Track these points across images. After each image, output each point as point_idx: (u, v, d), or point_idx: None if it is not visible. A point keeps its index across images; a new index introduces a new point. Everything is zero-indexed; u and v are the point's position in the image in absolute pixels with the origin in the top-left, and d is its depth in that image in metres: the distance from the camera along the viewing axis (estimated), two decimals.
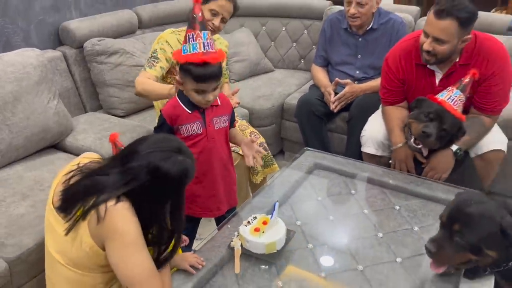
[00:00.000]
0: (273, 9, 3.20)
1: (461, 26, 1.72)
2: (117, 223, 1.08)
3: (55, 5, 2.36)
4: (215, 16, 1.97)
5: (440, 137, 1.74)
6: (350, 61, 2.56)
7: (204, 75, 1.46)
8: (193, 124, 1.56)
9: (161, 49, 1.93)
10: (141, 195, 1.12)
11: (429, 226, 1.58)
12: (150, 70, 1.90)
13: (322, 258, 1.44)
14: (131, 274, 1.10)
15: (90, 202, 1.09)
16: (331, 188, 1.83)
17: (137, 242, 1.11)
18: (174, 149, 1.16)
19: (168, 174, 1.12)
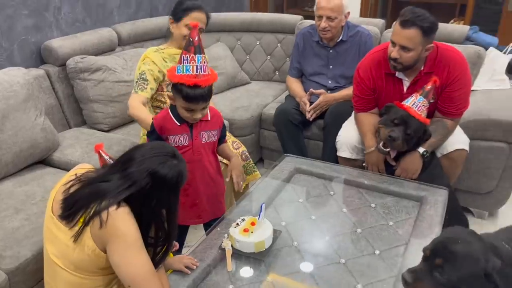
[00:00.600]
0: (247, 24, 3.34)
1: (424, 34, 1.89)
2: (118, 226, 1.15)
3: (36, 24, 2.42)
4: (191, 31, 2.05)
5: (406, 140, 1.89)
6: (322, 72, 2.71)
7: (194, 96, 1.55)
8: (180, 136, 1.65)
9: (149, 70, 2.00)
10: (140, 198, 1.20)
11: (403, 221, 1.72)
12: (142, 92, 1.98)
13: (307, 254, 1.55)
14: (132, 274, 1.17)
15: (93, 208, 1.16)
16: (311, 190, 1.95)
17: (137, 244, 1.18)
18: (169, 154, 1.25)
19: (165, 177, 1.20)
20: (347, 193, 1.94)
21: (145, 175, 1.19)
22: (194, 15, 2.03)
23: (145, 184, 1.19)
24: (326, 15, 2.49)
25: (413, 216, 1.74)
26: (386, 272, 1.46)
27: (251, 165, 2.26)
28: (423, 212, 1.75)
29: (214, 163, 1.78)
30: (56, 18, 2.53)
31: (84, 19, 2.71)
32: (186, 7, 2.03)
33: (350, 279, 1.42)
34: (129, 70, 2.55)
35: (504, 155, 2.26)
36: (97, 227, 1.15)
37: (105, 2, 2.84)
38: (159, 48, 2.10)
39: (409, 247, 1.55)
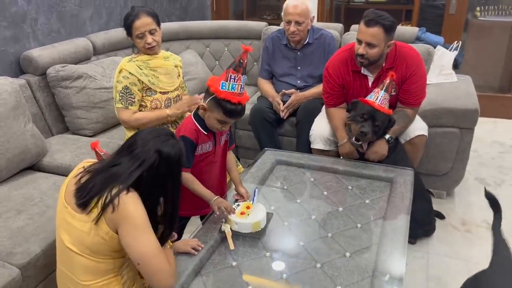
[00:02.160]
0: (215, 31, 3.51)
1: (386, 32, 2.12)
2: (129, 209, 1.26)
3: (14, 36, 2.47)
4: (144, 37, 2.11)
5: (374, 132, 2.11)
6: (291, 73, 2.91)
7: (235, 112, 1.68)
8: (206, 143, 1.80)
9: (131, 83, 2.10)
10: (149, 176, 1.31)
11: (377, 199, 1.93)
12: (132, 107, 2.12)
13: (298, 231, 1.72)
14: (141, 252, 1.27)
15: (108, 194, 1.26)
16: (293, 178, 2.13)
17: (146, 225, 1.29)
18: (168, 134, 1.38)
19: (170, 154, 1.33)
20: (325, 179, 2.13)
21: (152, 153, 1.30)
22: (137, 24, 2.08)
23: (154, 161, 1.30)
24: (294, 20, 2.70)
25: (386, 194, 1.96)
26: (369, 241, 1.65)
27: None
28: (394, 190, 1.97)
29: (224, 164, 1.94)
30: (33, 29, 2.58)
31: (59, 30, 2.78)
32: (129, 22, 2.10)
33: (339, 249, 1.60)
34: (107, 77, 2.64)
35: (456, 139, 2.55)
36: (110, 211, 1.25)
37: (78, 12, 2.92)
38: (133, 57, 2.19)
39: (386, 219, 1.76)
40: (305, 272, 1.48)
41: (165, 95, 2.19)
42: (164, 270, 1.29)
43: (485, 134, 3.63)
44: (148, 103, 2.15)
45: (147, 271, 1.28)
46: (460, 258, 2.26)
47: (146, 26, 2.10)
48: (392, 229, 1.69)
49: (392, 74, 2.13)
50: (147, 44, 2.12)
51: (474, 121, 2.51)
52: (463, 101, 2.58)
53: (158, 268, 1.28)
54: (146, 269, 1.28)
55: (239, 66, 1.66)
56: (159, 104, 2.17)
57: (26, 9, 2.51)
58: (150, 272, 1.28)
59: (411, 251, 2.30)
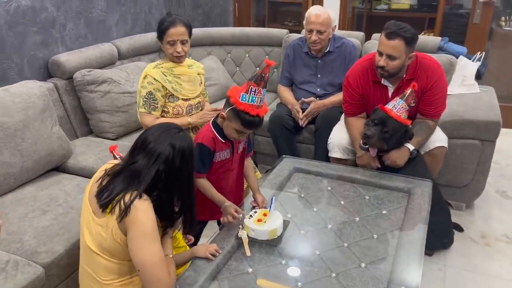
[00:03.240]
0: (237, 38, 3.55)
1: (407, 44, 2.12)
2: (138, 216, 1.29)
3: (44, 41, 2.56)
4: (175, 45, 2.17)
5: (384, 139, 2.11)
6: (311, 80, 2.94)
7: (253, 124, 1.72)
8: (224, 151, 1.84)
9: (155, 89, 2.17)
10: (166, 171, 1.34)
11: (395, 210, 1.93)
12: (155, 112, 2.18)
13: (314, 240, 1.74)
14: (143, 259, 1.29)
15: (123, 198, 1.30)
16: (310, 186, 2.14)
17: (153, 234, 1.31)
18: (176, 128, 1.42)
19: (182, 147, 1.36)
20: (343, 188, 2.14)
21: (165, 146, 1.34)
22: (171, 32, 2.14)
23: (168, 153, 1.33)
24: (316, 29, 2.73)
25: (403, 205, 1.96)
26: (384, 252, 1.65)
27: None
28: (412, 201, 1.97)
29: (242, 171, 1.97)
30: (61, 34, 2.67)
31: (86, 35, 2.86)
32: (163, 28, 2.16)
33: (354, 259, 1.61)
34: (131, 82, 2.70)
35: (477, 151, 2.52)
36: (120, 216, 1.29)
37: (105, 18, 3.00)
38: (158, 64, 2.25)
39: (402, 230, 1.77)
40: (320, 281, 1.50)
41: (187, 102, 2.24)
42: (162, 281, 1.30)
43: (508, 145, 3.57)
44: (171, 109, 2.21)
45: (145, 279, 1.30)
46: (478, 272, 2.24)
47: (179, 36, 2.16)
48: (408, 241, 1.70)
49: (414, 85, 2.13)
50: (176, 52, 2.18)
51: (496, 133, 2.49)
52: (485, 112, 2.56)
53: (157, 278, 1.29)
54: (145, 277, 1.30)
55: (261, 80, 1.69)
56: (180, 110, 2.22)
57: (55, 15, 2.60)
58: (148, 281, 1.30)
59: (428, 263, 2.29)
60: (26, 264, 1.57)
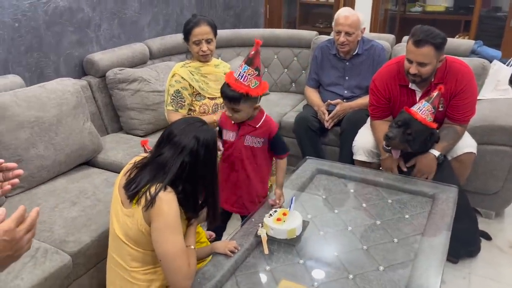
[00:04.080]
0: (266, 39, 3.56)
1: (436, 49, 2.08)
2: (163, 207, 1.34)
3: (80, 40, 2.67)
4: (200, 44, 2.25)
5: (407, 141, 2.06)
6: (339, 82, 2.93)
7: (225, 94, 1.79)
8: (230, 132, 1.90)
9: (182, 87, 2.24)
10: (190, 163, 1.39)
11: (417, 214, 1.90)
12: (182, 110, 2.25)
13: (333, 241, 1.74)
14: (165, 250, 1.34)
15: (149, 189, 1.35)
16: (332, 188, 2.14)
17: (176, 225, 1.36)
18: (200, 122, 1.47)
19: (206, 139, 1.41)
20: (365, 191, 2.12)
21: (190, 139, 1.39)
22: (196, 32, 2.22)
23: (193, 146, 1.38)
24: (344, 30, 2.72)
25: (427, 210, 1.93)
26: (405, 256, 1.64)
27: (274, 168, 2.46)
28: (435, 206, 1.93)
29: (253, 167, 1.96)
30: (96, 34, 2.78)
31: (120, 35, 2.96)
32: (188, 28, 2.24)
33: (372, 262, 1.60)
34: (161, 81, 2.78)
35: (509, 158, 2.45)
36: (146, 207, 1.34)
37: (137, 19, 3.09)
38: (186, 63, 2.33)
39: (424, 235, 1.74)
40: (336, 282, 1.50)
41: (213, 101, 2.29)
42: (182, 271, 1.35)
43: None
44: (197, 108, 2.26)
45: (167, 268, 1.36)
46: (504, 282, 2.17)
47: (204, 35, 2.23)
48: (429, 246, 1.67)
49: (441, 88, 2.09)
50: (202, 51, 2.24)
51: None
52: None
53: (178, 268, 1.35)
54: (166, 266, 1.35)
55: (246, 57, 1.82)
56: (207, 109, 2.27)
57: (91, 16, 2.71)
58: (169, 270, 1.35)
59: (452, 270, 2.24)
60: (54, 252, 1.65)
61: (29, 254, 1.61)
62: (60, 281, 1.61)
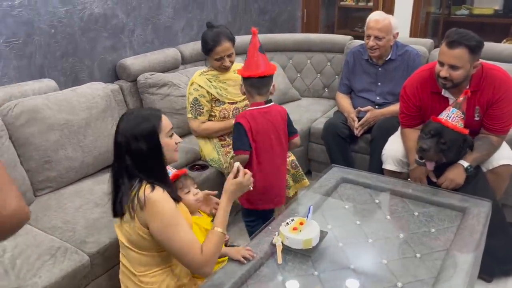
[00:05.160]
0: (299, 44, 3.55)
1: (471, 52, 1.98)
2: (155, 207, 1.36)
3: (113, 45, 2.75)
4: (222, 60, 2.29)
5: (442, 150, 1.97)
6: (371, 88, 2.85)
7: None
8: None
9: (200, 95, 2.29)
10: (137, 159, 1.41)
11: (444, 229, 1.80)
12: (201, 117, 2.30)
13: (351, 254, 1.68)
14: (174, 248, 1.37)
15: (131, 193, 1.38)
16: (356, 198, 2.08)
17: (175, 221, 1.37)
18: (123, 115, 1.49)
19: (124, 128, 1.43)
20: (391, 202, 2.04)
21: (124, 137, 1.43)
22: (218, 50, 2.26)
23: (119, 142, 1.44)
24: (374, 34, 2.65)
25: (455, 225, 1.82)
26: (426, 273, 1.55)
27: (300, 174, 2.42)
28: (465, 221, 1.82)
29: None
30: (130, 39, 2.86)
31: (153, 40, 3.03)
32: (209, 47, 2.27)
33: (391, 278, 1.53)
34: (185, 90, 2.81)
35: None
36: (139, 210, 1.37)
37: (171, 24, 3.15)
38: (204, 71, 2.37)
39: (449, 252, 1.65)
40: None
41: (233, 105, 2.30)
42: (196, 263, 1.39)
43: None
44: (217, 113, 2.28)
45: (183, 262, 1.41)
46: None
47: (226, 51, 2.28)
48: (453, 264, 1.58)
49: (467, 91, 1.98)
50: (224, 66, 2.28)
51: None
52: None
53: (191, 261, 1.39)
54: (181, 261, 1.41)
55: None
56: (227, 114, 2.29)
57: (125, 22, 2.79)
58: (185, 263, 1.41)
59: None
60: (74, 252, 1.69)
61: (50, 252, 1.67)
62: (77, 281, 1.66)
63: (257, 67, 1.94)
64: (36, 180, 2.05)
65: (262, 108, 2.00)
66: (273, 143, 2.04)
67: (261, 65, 1.95)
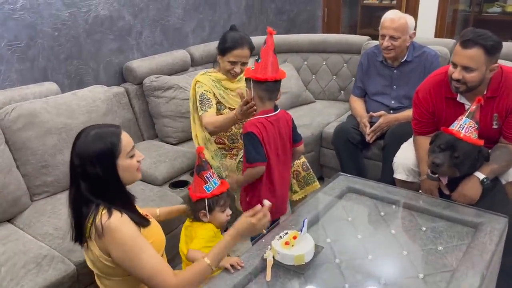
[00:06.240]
0: (314, 45, 3.43)
1: (487, 54, 1.82)
2: (114, 235, 1.28)
3: (120, 47, 2.73)
4: (235, 65, 2.19)
5: (456, 165, 1.82)
6: (385, 92, 2.70)
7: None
8: None
9: (206, 91, 2.19)
10: (93, 180, 1.32)
11: (453, 247, 1.66)
12: (210, 109, 2.17)
13: (347, 272, 1.57)
14: (141, 275, 1.30)
15: (90, 221, 1.30)
16: (361, 209, 1.96)
17: (136, 247, 1.29)
18: (78, 134, 1.38)
19: (83, 153, 1.32)
20: (398, 215, 1.91)
21: (78, 157, 1.33)
22: (236, 52, 2.16)
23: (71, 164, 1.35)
24: (389, 34, 2.51)
25: (466, 243, 1.68)
26: None
27: (311, 176, 2.32)
28: (476, 239, 1.67)
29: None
30: (137, 41, 2.82)
31: (162, 42, 2.99)
32: (229, 46, 2.16)
33: None
34: None
35: None
36: (98, 238, 1.29)
37: (181, 26, 3.10)
38: (207, 72, 2.27)
39: (455, 273, 1.51)
40: None
41: None
42: (168, 285, 1.30)
43: None
44: None
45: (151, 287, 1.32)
46: None
47: (243, 58, 2.19)
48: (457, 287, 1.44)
49: (479, 99, 1.81)
50: (234, 71, 2.19)
51: None
52: None
53: (161, 284, 1.30)
54: (149, 286, 1.32)
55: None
56: None
57: (132, 24, 2.75)
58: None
59: None
60: (60, 260, 1.66)
61: (36, 261, 1.64)
62: None
63: (274, 70, 1.84)
64: (33, 185, 2.03)
65: (271, 116, 1.89)
66: (280, 152, 1.94)
67: (277, 68, 1.86)
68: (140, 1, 2.76)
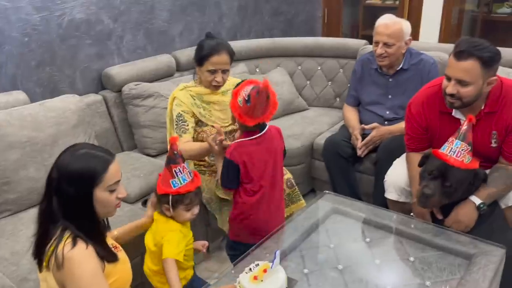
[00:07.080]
0: (309, 49, 3.25)
1: (484, 66, 1.65)
2: (73, 269, 1.16)
3: (99, 53, 2.58)
4: (215, 74, 2.00)
5: (447, 194, 1.65)
6: (380, 101, 2.53)
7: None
8: None
9: (183, 111, 2.02)
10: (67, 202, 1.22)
11: (442, 282, 1.50)
12: (186, 135, 2.01)
13: None
14: None
15: (51, 248, 1.19)
16: (345, 234, 1.80)
17: (94, 282, 1.17)
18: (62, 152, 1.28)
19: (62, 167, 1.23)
20: (385, 242, 1.75)
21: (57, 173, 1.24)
22: (214, 59, 1.97)
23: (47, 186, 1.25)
24: (383, 41, 2.34)
25: (457, 278, 1.51)
26: None
27: (296, 193, 2.16)
28: (469, 274, 1.51)
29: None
30: (118, 46, 2.68)
31: (145, 46, 2.84)
32: (205, 54, 1.98)
33: None
34: None
35: None
36: (56, 269, 1.18)
37: (167, 29, 2.95)
38: (187, 86, 2.09)
39: None
40: None
41: None
42: None
43: None
44: (195, 135, 2.04)
45: None
46: None
47: (222, 65, 2.00)
48: None
49: (471, 118, 1.64)
50: (216, 81, 2.02)
51: None
52: None
53: None
54: None
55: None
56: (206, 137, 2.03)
57: (111, 27, 2.61)
58: None
59: None
60: None
61: None
62: None
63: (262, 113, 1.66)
64: None
65: (256, 138, 1.73)
66: (271, 172, 1.79)
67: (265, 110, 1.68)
68: (120, 4, 2.60)
